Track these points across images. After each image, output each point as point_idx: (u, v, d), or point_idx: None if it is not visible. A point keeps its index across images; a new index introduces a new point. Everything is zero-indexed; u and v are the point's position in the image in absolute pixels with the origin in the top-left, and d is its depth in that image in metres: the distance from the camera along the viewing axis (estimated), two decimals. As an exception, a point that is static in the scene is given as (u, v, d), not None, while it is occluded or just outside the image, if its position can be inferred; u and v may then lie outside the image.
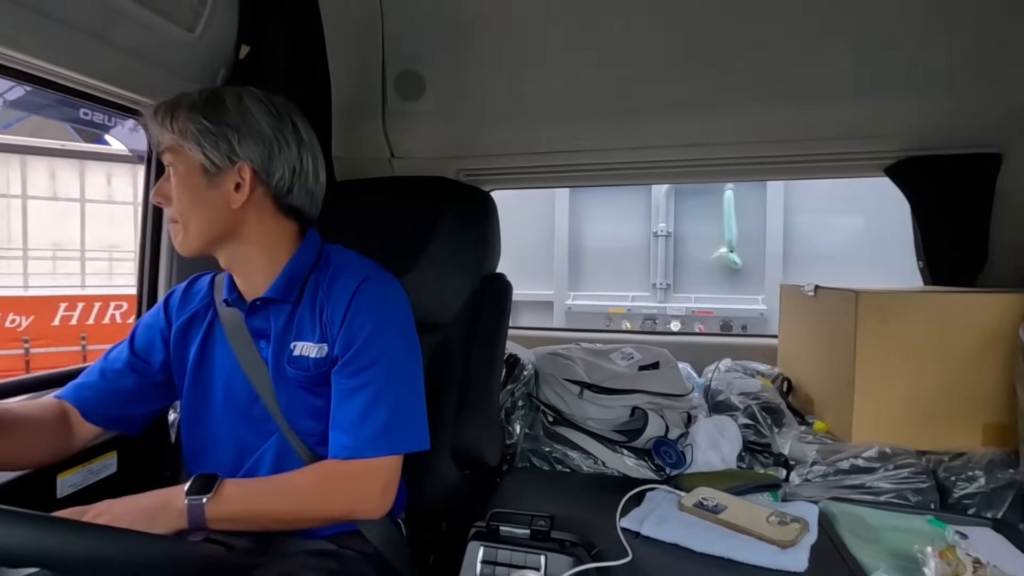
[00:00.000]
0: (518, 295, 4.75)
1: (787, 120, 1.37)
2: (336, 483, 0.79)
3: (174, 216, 0.83)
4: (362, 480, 0.79)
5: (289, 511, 0.78)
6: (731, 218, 4.06)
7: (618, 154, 1.51)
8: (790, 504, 0.97)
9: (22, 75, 0.92)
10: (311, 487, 0.79)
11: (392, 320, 0.86)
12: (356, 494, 0.79)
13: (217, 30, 1.16)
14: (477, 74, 1.48)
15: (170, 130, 0.79)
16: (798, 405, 1.42)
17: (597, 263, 4.53)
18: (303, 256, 0.88)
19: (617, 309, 4.42)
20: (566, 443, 1.23)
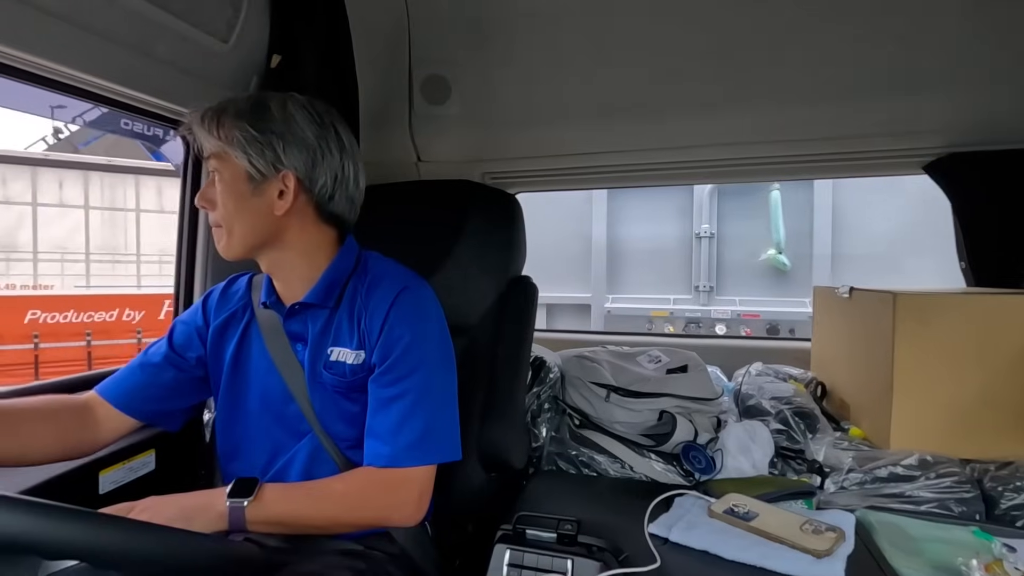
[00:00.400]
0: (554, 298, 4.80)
1: (821, 118, 1.33)
2: (373, 490, 0.80)
3: (218, 221, 0.84)
4: (398, 488, 0.81)
5: (326, 516, 0.79)
6: (778, 219, 3.97)
7: (645, 155, 1.50)
8: (825, 512, 0.95)
9: (70, 88, 0.96)
10: (349, 494, 0.80)
11: (430, 330, 0.87)
12: (392, 502, 0.80)
13: (250, 40, 1.20)
14: (502, 77, 1.48)
15: (216, 136, 0.81)
16: (833, 410, 1.38)
17: (636, 265, 4.46)
18: (342, 262, 0.90)
19: (659, 312, 4.35)
20: (592, 446, 1.22)
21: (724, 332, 4.12)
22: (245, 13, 1.16)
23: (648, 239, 4.41)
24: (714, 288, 4.28)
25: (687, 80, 1.37)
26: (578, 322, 4.45)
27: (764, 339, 3.52)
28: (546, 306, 4.47)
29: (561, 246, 4.43)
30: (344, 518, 0.80)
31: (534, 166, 1.61)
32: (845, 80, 1.29)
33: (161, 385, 0.92)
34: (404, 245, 1.13)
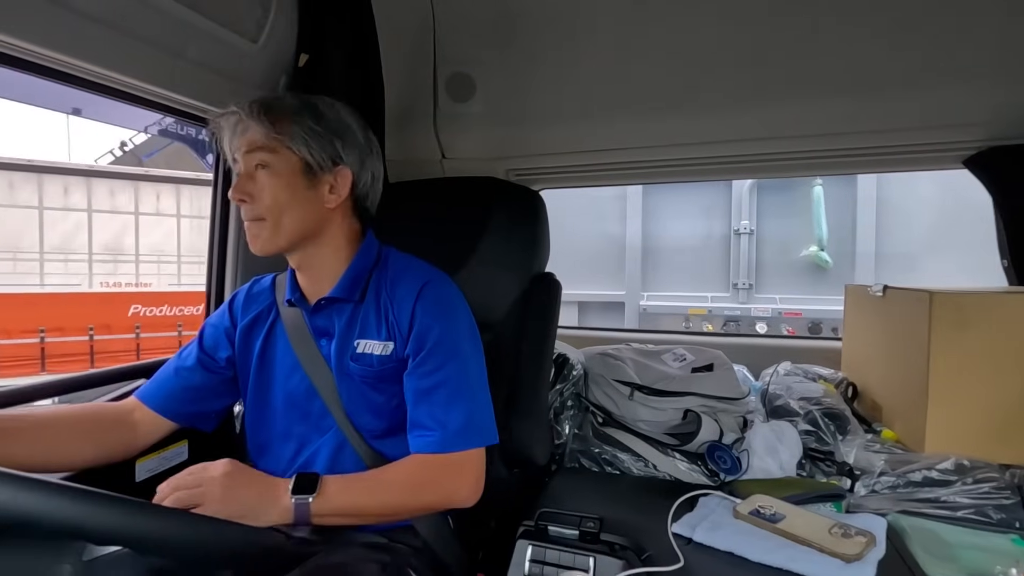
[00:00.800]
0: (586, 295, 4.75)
1: (856, 111, 1.29)
2: (433, 474, 0.82)
3: (261, 214, 0.85)
4: (458, 470, 0.83)
5: (389, 504, 0.81)
6: (821, 215, 3.86)
7: (672, 151, 1.48)
8: (855, 516, 0.93)
9: (107, 89, 0.99)
10: (408, 479, 0.82)
11: (459, 320, 0.90)
12: (453, 484, 0.83)
13: (278, 40, 1.22)
14: (526, 73, 1.48)
15: (272, 129, 0.83)
16: (864, 412, 1.35)
17: (671, 262, 4.37)
18: (365, 256, 0.92)
19: (697, 310, 4.26)
20: (616, 444, 1.21)
21: (765, 331, 4.02)
22: (274, 13, 1.18)
23: (683, 236, 4.32)
24: (753, 286, 4.17)
25: (715, 74, 1.35)
26: (611, 320, 4.38)
27: (792, 338, 3.44)
28: (578, 303, 4.42)
29: (594, 243, 4.37)
30: (406, 503, 0.82)
31: (558, 162, 1.60)
32: (882, 71, 1.25)
33: (195, 388, 0.95)
34: (429, 242, 1.14)
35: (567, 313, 4.28)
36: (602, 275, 4.39)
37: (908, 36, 1.22)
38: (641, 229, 4.33)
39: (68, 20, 0.84)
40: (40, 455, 0.79)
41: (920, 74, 1.23)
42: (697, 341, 1.64)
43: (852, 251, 3.92)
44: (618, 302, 4.40)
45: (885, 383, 1.33)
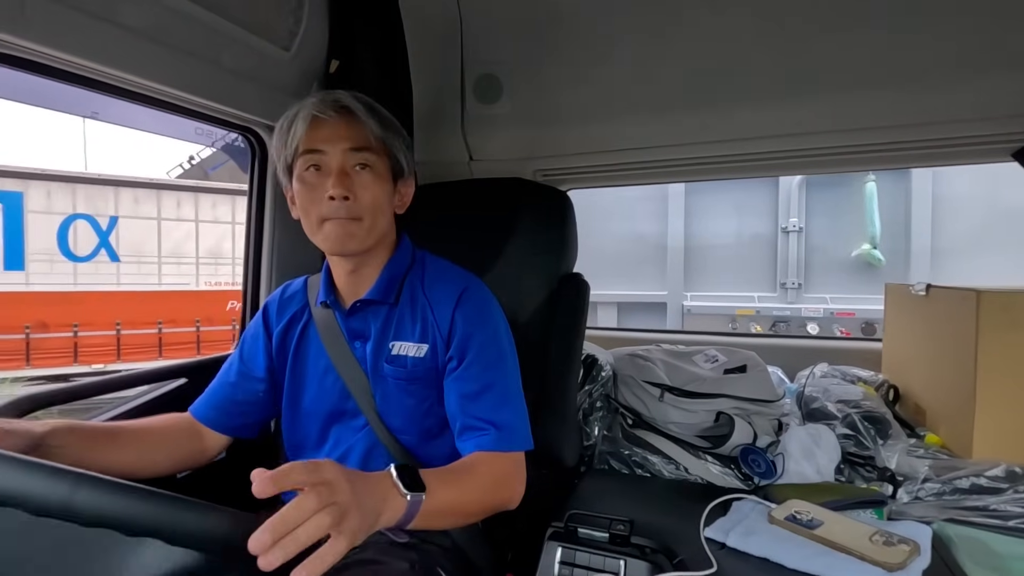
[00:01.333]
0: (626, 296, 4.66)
1: (894, 104, 1.25)
2: (505, 468, 0.81)
3: (359, 213, 0.84)
4: (518, 470, 0.83)
5: (476, 501, 0.77)
6: (874, 212, 3.73)
7: (703, 148, 1.45)
8: (898, 523, 0.89)
9: (148, 99, 1.03)
10: (489, 474, 0.79)
11: (500, 326, 0.91)
12: (518, 481, 0.83)
13: (310, 47, 1.24)
14: (554, 73, 1.47)
15: (378, 128, 0.85)
16: (907, 416, 1.30)
17: (715, 262, 4.26)
18: (400, 259, 0.94)
19: (744, 311, 4.14)
20: (646, 447, 1.19)
21: (817, 331, 3.89)
22: (306, 22, 1.21)
23: (727, 234, 4.21)
24: (801, 285, 4.04)
25: (747, 69, 1.32)
26: (652, 321, 4.29)
27: (829, 339, 3.34)
28: (617, 304, 4.34)
29: (633, 242, 4.29)
30: (489, 500, 0.79)
31: (586, 162, 1.59)
32: (924, 61, 1.20)
33: (238, 402, 0.97)
34: (457, 243, 1.15)
35: (606, 314, 4.24)
36: (642, 275, 4.31)
37: (953, 23, 1.17)
38: (683, 228, 4.22)
39: (114, 34, 0.88)
40: (130, 464, 0.81)
41: (967, 63, 1.18)
42: (729, 342, 1.61)
43: (906, 249, 3.77)
44: (659, 303, 4.30)
45: (929, 386, 1.28)
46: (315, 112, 0.83)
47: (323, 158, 0.84)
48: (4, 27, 0.75)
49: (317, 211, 0.84)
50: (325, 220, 0.84)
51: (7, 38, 0.77)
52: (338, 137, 0.83)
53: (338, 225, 0.84)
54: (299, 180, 0.86)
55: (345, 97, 0.85)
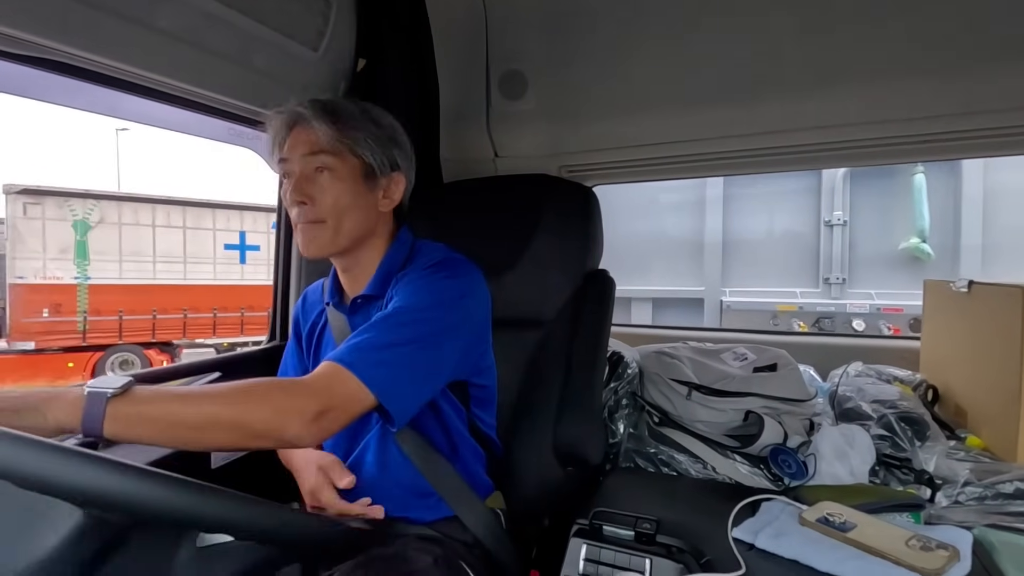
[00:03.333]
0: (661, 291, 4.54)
1: (935, 93, 1.20)
2: (273, 388, 0.70)
3: (321, 216, 0.84)
4: (303, 392, 0.69)
5: (204, 414, 0.64)
6: (923, 204, 3.57)
7: (732, 142, 1.42)
8: (936, 528, 0.86)
9: (181, 101, 1.06)
10: (239, 389, 0.67)
11: (435, 288, 0.83)
12: (292, 407, 0.67)
13: (338, 47, 1.26)
14: (579, 68, 1.46)
15: (334, 131, 0.84)
16: (946, 417, 1.25)
17: (753, 256, 4.08)
18: (396, 253, 0.94)
19: (786, 307, 3.95)
20: (672, 445, 1.18)
21: (863, 328, 3.73)
22: (333, 22, 1.22)
23: (766, 228, 4.04)
24: (845, 280, 3.86)
25: (778, 61, 1.29)
26: (688, 317, 4.13)
27: (864, 336, 3.23)
28: (652, 300, 4.19)
29: (669, 236, 4.15)
30: (224, 416, 0.65)
31: (612, 158, 1.58)
32: (965, 47, 1.15)
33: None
34: (482, 240, 1.15)
35: (640, 310, 4.14)
36: (678, 270, 4.15)
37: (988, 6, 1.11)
38: (722, 221, 4.04)
39: (152, 39, 0.90)
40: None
41: (1010, 48, 1.12)
42: (759, 340, 1.57)
43: (954, 244, 3.59)
44: (696, 298, 4.14)
45: (970, 386, 1.23)
46: (279, 127, 0.87)
47: (290, 166, 0.87)
48: (48, 33, 0.78)
49: (293, 217, 0.88)
50: (296, 224, 0.87)
51: (51, 44, 0.80)
52: (296, 143, 0.86)
53: (302, 230, 0.86)
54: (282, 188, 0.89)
55: (299, 106, 0.86)
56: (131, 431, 0.62)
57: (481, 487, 0.96)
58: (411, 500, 0.90)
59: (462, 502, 0.90)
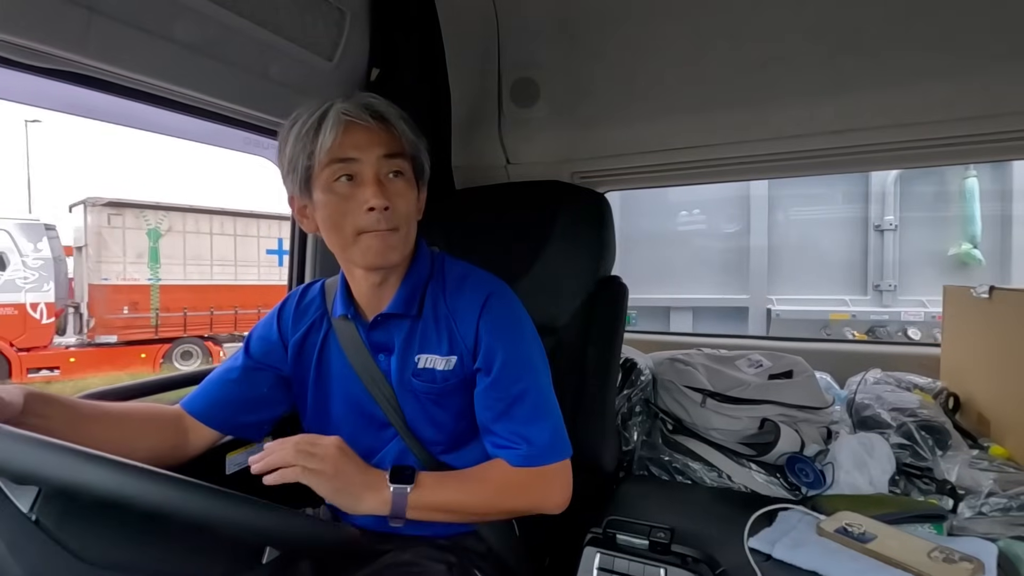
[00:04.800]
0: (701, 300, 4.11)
1: (958, 95, 1.18)
2: (524, 479, 0.82)
3: (397, 224, 0.80)
4: (548, 480, 0.83)
5: (481, 503, 0.81)
6: (975, 209, 3.49)
7: (747, 147, 1.41)
8: (959, 539, 0.84)
9: (199, 111, 1.08)
10: (501, 481, 0.82)
11: (527, 333, 0.88)
12: (542, 492, 0.83)
13: (352, 57, 1.28)
14: (592, 75, 1.46)
15: (408, 136, 0.82)
16: (968, 426, 1.23)
17: (798, 263, 3.94)
18: (419, 269, 0.88)
19: (839, 315, 3.82)
20: (687, 453, 1.17)
21: (919, 337, 3.60)
22: (347, 32, 1.24)
23: (811, 234, 3.90)
24: (896, 287, 3.74)
25: (793, 65, 1.28)
26: (731, 327, 3.96)
27: (882, 343, 3.16)
28: (692, 309, 4.03)
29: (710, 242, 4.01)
30: (499, 505, 0.82)
31: (625, 164, 1.57)
32: (986, 48, 1.13)
33: (241, 399, 0.92)
34: (494, 247, 1.16)
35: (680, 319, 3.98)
36: (720, 278, 4.00)
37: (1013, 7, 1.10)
38: (767, 227, 3.89)
39: (171, 51, 0.92)
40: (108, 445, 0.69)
41: None
42: (773, 347, 1.55)
43: (1004, 248, 3.48)
44: (739, 307, 3.98)
45: (994, 394, 1.21)
46: (349, 117, 0.77)
47: (357, 166, 0.79)
48: (69, 46, 0.80)
49: (353, 223, 0.79)
50: (362, 233, 0.79)
51: (72, 56, 0.82)
52: (373, 143, 0.78)
53: (378, 238, 0.79)
54: (327, 191, 0.79)
55: (378, 102, 0.81)
56: (425, 516, 0.78)
57: None
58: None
59: None
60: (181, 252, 8.98)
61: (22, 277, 7.64)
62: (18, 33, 0.75)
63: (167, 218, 8.84)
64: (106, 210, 8.33)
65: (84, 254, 8.33)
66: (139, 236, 8.58)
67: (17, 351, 7.69)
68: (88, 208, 8.25)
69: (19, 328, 7.66)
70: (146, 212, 8.66)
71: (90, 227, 8.24)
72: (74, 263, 8.49)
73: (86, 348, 8.31)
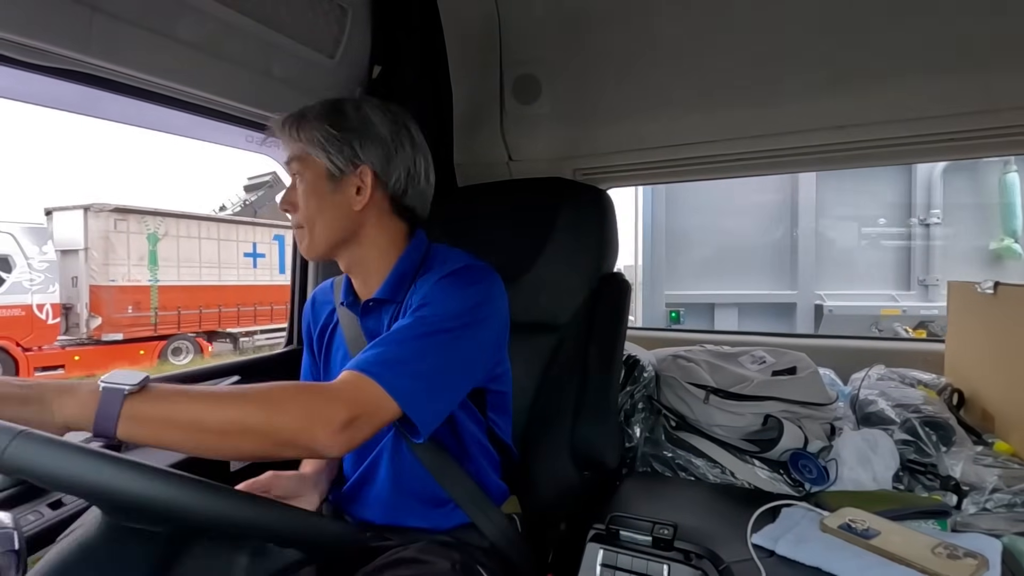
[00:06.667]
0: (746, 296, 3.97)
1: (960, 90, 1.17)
2: (301, 392, 0.69)
3: (300, 222, 0.87)
4: (332, 399, 0.67)
5: (228, 419, 0.62)
6: (1016, 204, 3.48)
7: (750, 143, 1.40)
8: (963, 536, 0.84)
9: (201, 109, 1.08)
10: (264, 391, 0.65)
11: (458, 298, 0.81)
12: (319, 415, 0.64)
13: (353, 54, 1.28)
14: (594, 72, 1.46)
15: (297, 139, 0.85)
16: (972, 421, 1.22)
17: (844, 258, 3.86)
18: (411, 256, 0.90)
19: (889, 310, 3.75)
20: (690, 449, 1.17)
21: None
22: (349, 29, 1.24)
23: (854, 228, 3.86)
24: (940, 281, 3.69)
25: (796, 60, 1.27)
26: (779, 323, 3.88)
27: (885, 339, 3.14)
28: (737, 306, 3.94)
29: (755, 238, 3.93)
30: (251, 420, 0.62)
31: (627, 160, 1.57)
32: (987, 42, 1.12)
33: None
34: (496, 244, 1.15)
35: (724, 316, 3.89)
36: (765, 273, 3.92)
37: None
38: (815, 221, 3.82)
39: (173, 49, 0.92)
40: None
41: None
42: (776, 343, 1.55)
43: None
44: (787, 303, 3.89)
45: (998, 390, 1.20)
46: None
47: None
48: (72, 45, 0.80)
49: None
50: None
51: (75, 55, 0.82)
52: (286, 151, 0.88)
53: (295, 235, 0.92)
54: None
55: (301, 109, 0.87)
56: (148, 433, 0.58)
57: (496, 492, 0.95)
58: (427, 509, 0.90)
59: (478, 509, 0.89)
60: (175, 255, 9.69)
61: (28, 279, 7.90)
62: (21, 32, 0.76)
63: (164, 223, 9.56)
64: (113, 215, 8.93)
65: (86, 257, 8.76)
66: (140, 240, 9.23)
67: (24, 351, 7.92)
68: (93, 213, 8.76)
69: (26, 328, 7.92)
70: (147, 218, 9.32)
71: (94, 231, 8.76)
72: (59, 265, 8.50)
73: (87, 346, 8.72)
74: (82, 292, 8.73)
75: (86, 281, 8.70)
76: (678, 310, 3.87)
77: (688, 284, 3.85)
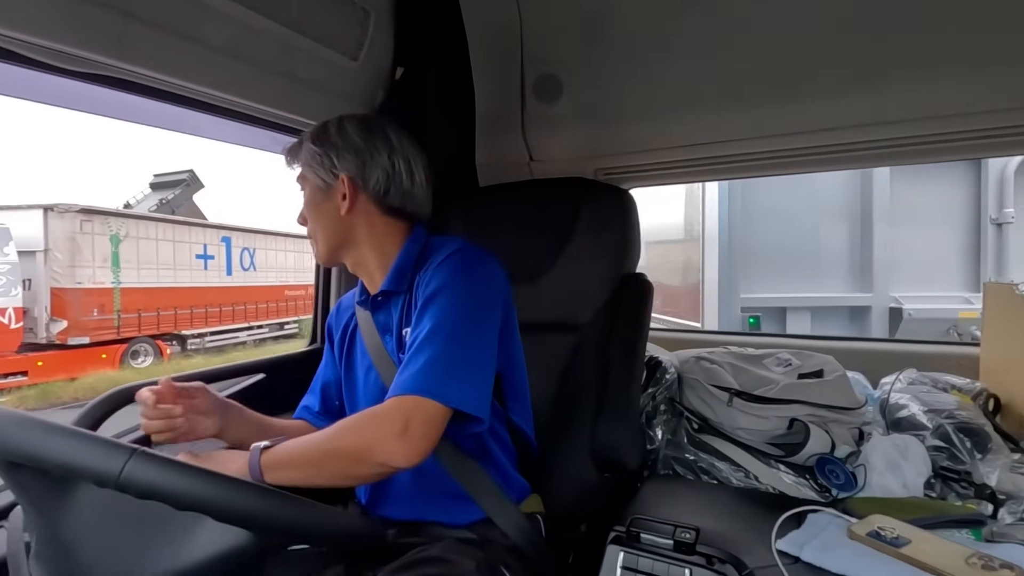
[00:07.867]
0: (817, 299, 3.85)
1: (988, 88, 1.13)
2: (363, 418, 0.78)
3: (309, 233, 0.97)
4: (384, 418, 0.76)
5: (321, 449, 0.77)
6: None
7: (773, 142, 1.38)
8: (999, 546, 0.81)
9: (226, 111, 1.11)
10: (341, 423, 0.79)
11: (469, 281, 0.86)
12: (377, 431, 0.75)
13: (376, 56, 1.29)
14: (614, 70, 1.45)
15: (296, 161, 0.96)
16: (1010, 428, 1.18)
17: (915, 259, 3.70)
18: (410, 250, 0.94)
19: (968, 313, 3.57)
20: (713, 452, 1.15)
21: None
22: (372, 32, 1.25)
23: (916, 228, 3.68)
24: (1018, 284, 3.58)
25: (820, 57, 1.24)
26: (852, 327, 3.76)
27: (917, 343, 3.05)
28: (810, 310, 3.82)
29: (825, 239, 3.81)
30: (332, 446, 0.76)
31: (649, 160, 1.56)
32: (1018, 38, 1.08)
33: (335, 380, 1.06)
34: (518, 244, 1.16)
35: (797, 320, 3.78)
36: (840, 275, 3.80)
37: None
38: (888, 221, 3.67)
39: (202, 54, 0.95)
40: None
41: None
42: (802, 345, 1.52)
43: None
44: (861, 306, 3.77)
45: (1037, 396, 1.16)
46: None
47: None
48: (106, 52, 0.83)
49: None
50: None
51: (109, 61, 0.84)
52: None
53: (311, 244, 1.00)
54: None
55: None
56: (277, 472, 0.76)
57: (516, 488, 0.96)
58: (446, 503, 0.91)
59: (496, 505, 0.89)
60: (135, 256, 9.66)
61: (-10, 283, 7.47)
62: (57, 39, 0.78)
63: (125, 224, 9.53)
64: (79, 216, 8.73)
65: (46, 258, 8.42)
66: (104, 242, 9.10)
67: (-16, 357, 7.58)
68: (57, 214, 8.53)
69: (-11, 334, 7.51)
70: (109, 219, 9.24)
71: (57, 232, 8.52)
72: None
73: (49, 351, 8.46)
74: (40, 295, 8.39)
75: (46, 284, 8.40)
76: (757, 315, 3.74)
77: (761, 287, 3.74)
